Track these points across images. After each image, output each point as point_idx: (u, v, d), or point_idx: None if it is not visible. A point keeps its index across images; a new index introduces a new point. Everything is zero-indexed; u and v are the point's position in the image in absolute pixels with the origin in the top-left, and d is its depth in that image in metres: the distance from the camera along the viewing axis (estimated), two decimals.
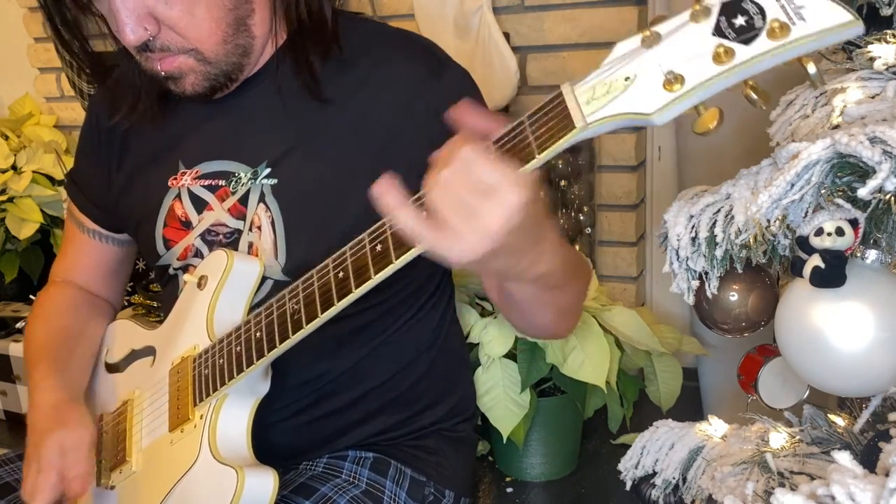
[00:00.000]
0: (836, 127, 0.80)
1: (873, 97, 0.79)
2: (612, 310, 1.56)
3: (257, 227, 1.00)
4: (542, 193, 0.69)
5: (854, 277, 0.77)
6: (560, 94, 0.64)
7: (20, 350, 1.98)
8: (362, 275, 0.75)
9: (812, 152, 0.69)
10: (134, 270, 2.06)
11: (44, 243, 2.29)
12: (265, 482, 0.85)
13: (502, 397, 1.45)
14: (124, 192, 1.11)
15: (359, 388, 1.04)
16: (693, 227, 0.81)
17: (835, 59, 0.90)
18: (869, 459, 0.75)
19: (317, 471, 1.02)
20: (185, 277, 1.01)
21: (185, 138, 1.06)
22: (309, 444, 1.05)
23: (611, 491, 1.56)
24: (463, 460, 1.16)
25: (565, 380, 1.47)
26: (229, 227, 1.02)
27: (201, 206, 1.04)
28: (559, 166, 1.79)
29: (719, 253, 0.79)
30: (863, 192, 0.67)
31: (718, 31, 0.57)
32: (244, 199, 1.01)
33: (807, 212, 0.75)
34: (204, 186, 1.04)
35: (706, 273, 0.82)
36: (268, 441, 0.93)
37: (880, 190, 0.67)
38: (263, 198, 1.00)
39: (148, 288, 2.07)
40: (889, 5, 0.81)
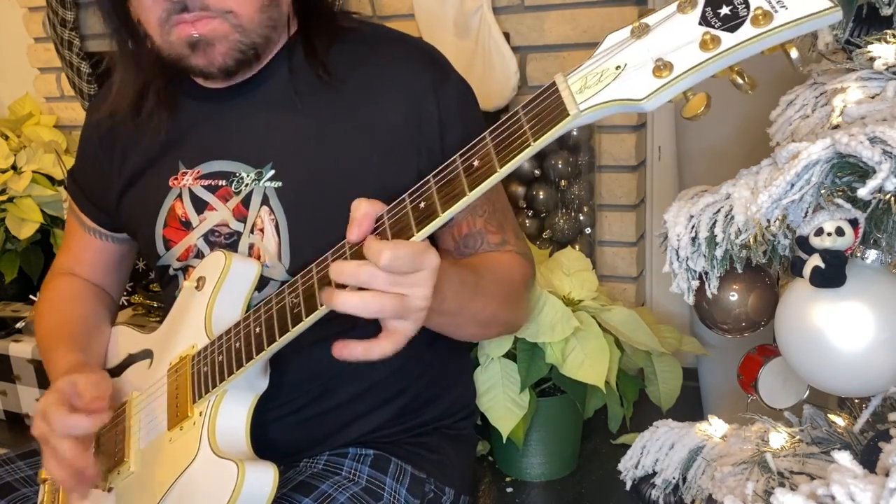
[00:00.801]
0: (836, 127, 0.80)
1: (873, 97, 0.79)
2: (612, 310, 1.55)
3: (259, 229, 1.00)
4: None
5: (854, 277, 0.77)
6: (554, 83, 0.66)
7: (20, 350, 1.99)
8: None
9: (812, 152, 0.69)
10: (134, 270, 2.07)
11: (44, 243, 2.29)
12: (265, 476, 0.85)
13: (502, 397, 1.45)
14: (125, 192, 1.11)
15: (359, 384, 1.04)
16: (693, 227, 0.81)
17: (835, 59, 0.90)
18: (869, 459, 0.75)
19: (317, 468, 1.02)
20: (185, 284, 1.02)
21: (186, 138, 1.06)
22: (309, 441, 1.05)
23: (611, 491, 1.56)
24: (463, 458, 1.16)
25: (565, 380, 1.47)
26: (231, 228, 1.02)
27: (202, 206, 1.04)
28: (559, 166, 1.79)
29: (719, 253, 0.79)
30: (863, 192, 0.67)
31: (704, 21, 0.60)
32: (246, 200, 1.01)
33: (807, 212, 0.75)
34: (204, 187, 1.04)
35: (706, 273, 0.82)
36: (268, 438, 0.93)
37: (880, 190, 0.67)
38: (267, 200, 1.00)
39: (148, 288, 2.07)
40: (889, 5, 0.81)
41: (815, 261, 0.77)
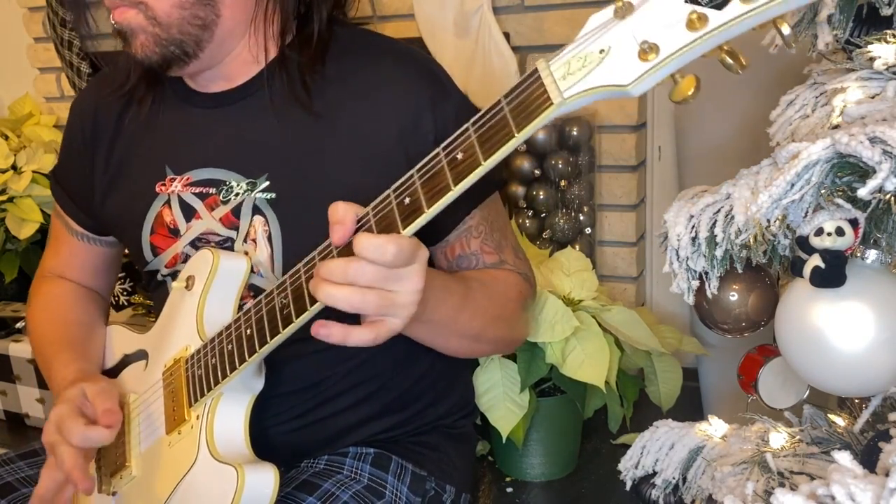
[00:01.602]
0: (836, 127, 0.80)
1: (873, 97, 0.79)
2: (612, 310, 1.55)
3: (252, 239, 0.99)
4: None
5: (854, 277, 0.77)
6: (536, 71, 0.63)
7: (20, 350, 1.98)
8: None
9: (812, 152, 0.69)
10: (134, 270, 2.06)
11: (44, 243, 2.27)
12: (266, 478, 0.85)
13: (502, 397, 1.45)
14: (108, 196, 1.10)
15: (359, 390, 1.04)
16: (693, 227, 0.81)
17: (835, 59, 0.90)
18: (869, 459, 0.75)
19: (318, 468, 1.02)
20: (174, 285, 1.01)
21: (173, 143, 1.05)
22: (310, 445, 1.05)
23: (611, 491, 1.56)
24: (463, 456, 1.16)
25: (565, 380, 1.47)
26: (220, 235, 1.01)
27: (190, 213, 1.03)
28: (559, 166, 1.79)
29: (719, 253, 0.79)
30: (863, 192, 0.67)
31: None
32: (237, 210, 1.00)
33: (807, 212, 0.75)
34: (194, 194, 1.03)
35: (706, 273, 0.82)
36: (269, 443, 0.93)
37: (880, 190, 0.67)
38: (259, 211, 0.99)
39: (148, 287, 2.07)
40: (889, 5, 0.81)
41: (815, 261, 0.77)
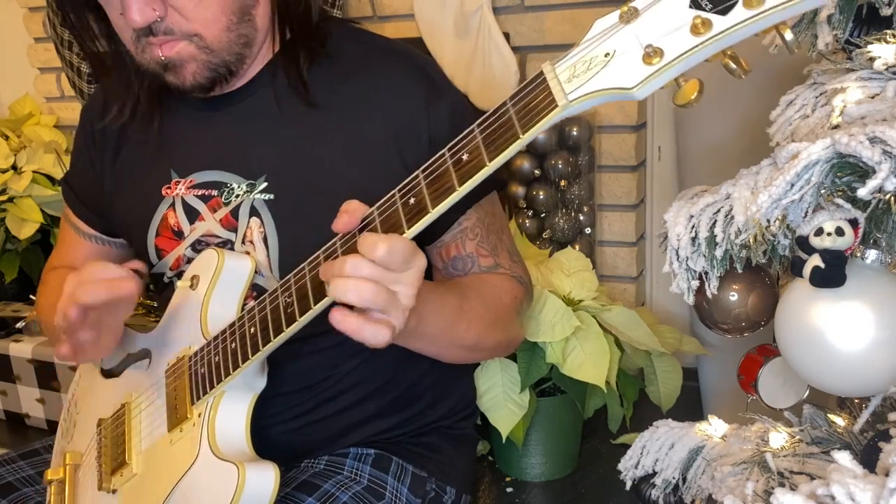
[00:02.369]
0: (836, 127, 0.80)
1: (873, 97, 0.79)
2: (612, 310, 1.55)
3: (250, 240, 1.00)
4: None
5: (854, 277, 0.77)
6: (541, 73, 0.64)
7: (20, 350, 1.99)
8: None
9: (812, 152, 0.69)
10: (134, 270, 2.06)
11: (44, 243, 2.29)
12: (266, 476, 0.85)
13: (502, 397, 1.45)
14: (116, 197, 1.11)
15: (360, 390, 1.04)
16: (693, 227, 0.81)
17: (835, 59, 0.90)
18: (869, 459, 0.75)
19: (319, 468, 1.02)
20: (178, 284, 1.01)
21: (177, 147, 1.06)
22: (310, 445, 1.05)
23: (611, 491, 1.56)
24: (464, 458, 1.16)
25: (565, 380, 1.47)
26: (220, 237, 1.02)
27: (194, 216, 1.03)
28: (559, 166, 1.79)
29: (719, 253, 0.79)
30: (863, 192, 0.67)
31: (695, 4, 0.57)
32: (235, 211, 1.00)
33: (807, 212, 0.75)
34: (197, 196, 1.03)
35: (706, 273, 0.82)
36: (269, 443, 0.93)
37: (880, 190, 0.67)
38: (256, 212, 0.99)
39: (148, 287, 2.07)
40: (889, 5, 0.81)
41: (815, 261, 0.77)
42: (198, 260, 1.00)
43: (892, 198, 0.73)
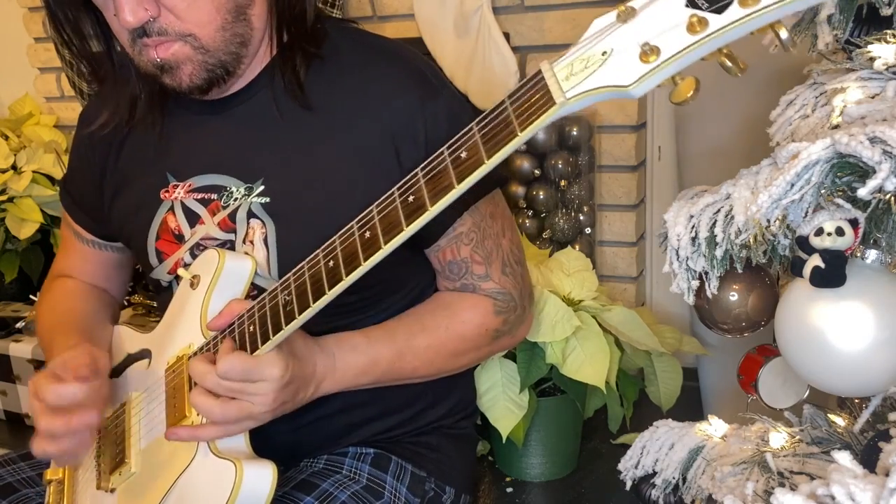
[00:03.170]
0: (836, 127, 0.80)
1: (873, 97, 0.79)
2: (612, 310, 1.55)
3: (250, 241, 1.00)
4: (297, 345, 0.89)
5: (854, 277, 0.77)
6: (539, 72, 0.65)
7: (20, 350, 1.98)
8: (352, 262, 0.76)
9: (812, 152, 0.69)
10: (134, 270, 2.06)
11: (44, 243, 2.29)
12: (264, 474, 0.85)
13: (501, 397, 1.45)
14: (115, 199, 1.11)
15: (360, 390, 1.04)
16: (693, 227, 0.81)
17: (835, 59, 0.90)
18: (869, 459, 0.75)
19: (317, 467, 1.02)
20: (180, 272, 1.01)
21: (174, 149, 1.06)
22: (310, 445, 1.05)
23: (611, 491, 1.56)
24: (464, 457, 1.16)
25: (565, 380, 1.47)
26: (218, 239, 1.02)
27: (194, 219, 1.03)
28: (559, 166, 1.79)
29: (719, 253, 0.79)
30: (863, 192, 0.67)
31: (691, 2, 0.58)
32: (233, 214, 1.00)
33: (807, 212, 0.75)
34: (197, 200, 1.03)
35: (706, 273, 0.82)
36: (268, 442, 0.93)
37: (880, 190, 0.67)
38: (255, 214, 0.99)
39: (148, 288, 2.07)
40: (889, 5, 0.81)
41: (815, 261, 0.77)
42: (199, 260, 1.00)
43: (893, 198, 0.73)
